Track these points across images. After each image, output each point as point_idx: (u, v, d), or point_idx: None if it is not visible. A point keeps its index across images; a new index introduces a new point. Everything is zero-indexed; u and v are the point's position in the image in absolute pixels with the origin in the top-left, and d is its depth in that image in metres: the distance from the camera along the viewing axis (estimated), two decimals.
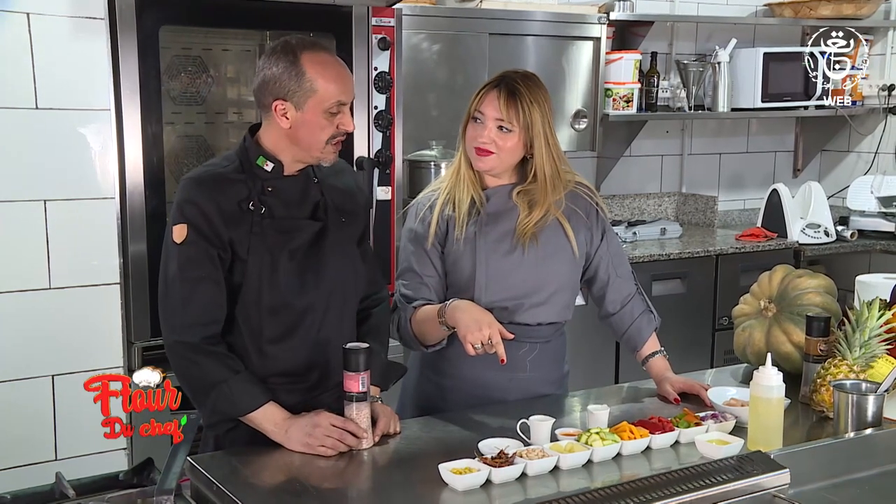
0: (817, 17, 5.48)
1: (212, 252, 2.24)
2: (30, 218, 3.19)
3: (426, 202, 2.60)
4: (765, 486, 2.05)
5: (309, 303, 2.33)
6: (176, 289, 2.25)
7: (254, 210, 2.27)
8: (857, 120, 5.86)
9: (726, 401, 2.48)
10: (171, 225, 2.27)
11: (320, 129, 2.26)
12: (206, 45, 3.80)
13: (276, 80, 2.23)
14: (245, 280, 2.28)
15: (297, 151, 2.30)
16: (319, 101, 2.23)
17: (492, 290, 2.53)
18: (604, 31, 4.78)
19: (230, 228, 2.25)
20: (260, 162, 2.30)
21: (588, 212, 2.65)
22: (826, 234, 5.25)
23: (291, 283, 2.30)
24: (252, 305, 2.29)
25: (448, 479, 2.01)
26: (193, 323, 2.24)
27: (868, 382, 2.38)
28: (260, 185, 2.29)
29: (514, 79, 2.50)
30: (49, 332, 3.25)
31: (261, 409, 2.23)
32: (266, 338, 2.31)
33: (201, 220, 2.23)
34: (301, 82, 2.22)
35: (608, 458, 2.15)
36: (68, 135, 3.23)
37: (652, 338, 2.73)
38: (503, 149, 2.49)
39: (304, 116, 2.24)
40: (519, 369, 2.59)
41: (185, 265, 2.24)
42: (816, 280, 2.79)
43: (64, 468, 2.19)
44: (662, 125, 5.59)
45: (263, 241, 2.27)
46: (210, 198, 2.24)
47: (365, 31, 3.70)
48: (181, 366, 2.25)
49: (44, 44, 3.16)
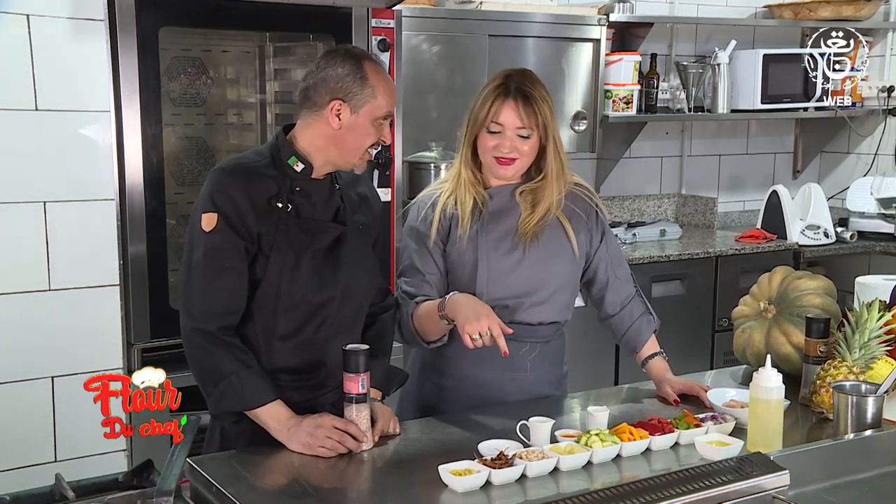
0: (817, 18, 5.48)
1: (239, 244, 2.27)
2: (29, 219, 3.18)
3: (428, 200, 2.61)
4: (764, 488, 2.05)
5: (324, 300, 2.35)
6: (199, 276, 2.28)
7: (282, 207, 2.30)
8: (857, 121, 5.85)
9: (726, 402, 2.48)
10: (198, 212, 2.28)
11: (366, 135, 2.32)
12: (205, 47, 3.81)
13: (338, 80, 2.28)
14: (265, 276, 2.30)
15: (334, 154, 2.34)
16: (374, 109, 2.30)
17: (493, 288, 2.54)
18: (603, 32, 4.77)
19: (260, 222, 2.27)
20: (291, 161, 2.33)
21: (588, 212, 2.66)
22: (826, 236, 5.25)
23: (310, 282, 2.33)
24: (269, 301, 2.31)
25: (448, 480, 2.01)
26: (212, 312, 2.26)
27: (868, 384, 2.38)
28: (289, 184, 2.33)
29: (522, 82, 2.50)
30: (48, 333, 3.23)
31: (267, 406, 2.25)
32: (278, 333, 2.33)
33: (232, 211, 2.26)
34: (363, 87, 2.28)
35: (608, 460, 2.15)
36: (68, 136, 3.21)
37: (651, 339, 2.73)
38: (524, 154, 2.51)
39: (356, 120, 2.30)
40: (520, 369, 2.60)
41: (210, 254, 2.26)
42: (816, 281, 2.79)
43: (63, 470, 2.17)
44: (662, 126, 5.59)
45: (288, 239, 2.30)
46: (243, 189, 2.27)
47: (364, 33, 3.69)
48: (195, 354, 2.28)
49: (43, 45, 3.14)
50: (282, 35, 3.88)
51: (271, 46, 3.97)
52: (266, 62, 3.97)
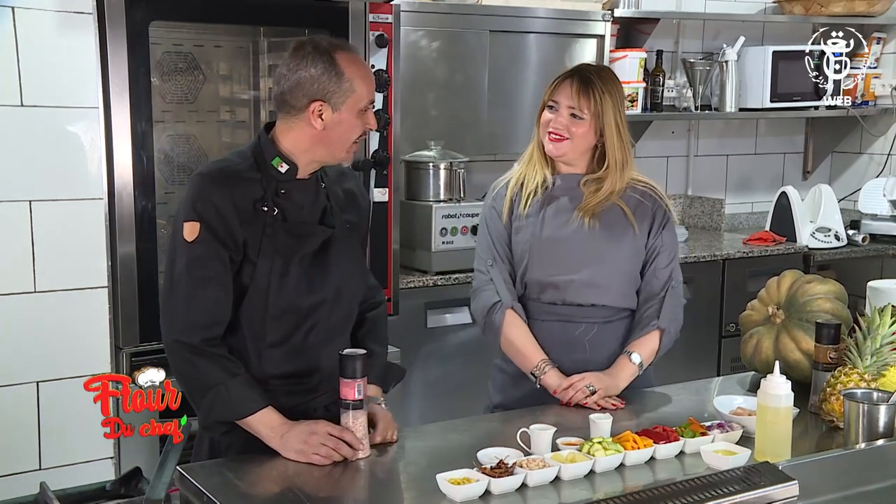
0: (828, 14, 5.44)
1: (223, 253, 2.25)
2: (15, 219, 3.16)
3: (503, 181, 2.80)
4: (772, 498, 2.03)
5: (314, 305, 2.34)
6: (181, 287, 2.25)
7: (267, 211, 2.28)
8: (869, 120, 5.81)
9: (733, 410, 2.48)
10: (181, 220, 2.25)
11: (352, 128, 2.30)
12: (197, 42, 3.79)
13: (314, 82, 2.24)
14: (253, 282, 2.29)
15: (321, 152, 2.32)
16: (356, 101, 2.28)
17: (543, 263, 2.68)
18: (608, 28, 4.73)
19: (245, 229, 2.26)
20: (275, 163, 2.30)
21: (655, 209, 2.74)
22: (836, 239, 5.21)
23: (299, 287, 2.31)
24: (258, 308, 2.30)
25: (446, 489, 2.00)
26: (195, 324, 2.24)
27: (880, 391, 2.39)
28: (274, 186, 2.30)
29: (588, 70, 2.70)
30: (34, 337, 3.21)
31: (258, 413, 2.23)
32: (269, 341, 2.32)
33: (216, 220, 2.23)
34: (341, 82, 2.25)
35: (611, 469, 2.15)
36: (55, 133, 3.19)
37: (640, 339, 2.70)
38: (575, 135, 2.65)
39: (339, 117, 2.27)
40: (578, 350, 2.69)
41: (193, 264, 2.24)
42: (826, 286, 2.79)
43: (49, 478, 2.19)
44: (668, 125, 5.55)
45: (275, 245, 2.28)
46: (227, 196, 2.25)
47: (362, 28, 3.66)
48: (179, 366, 2.26)
49: (29, 39, 3.12)
50: (276, 30, 3.88)
51: (265, 42, 3.97)
52: (260, 58, 3.97)
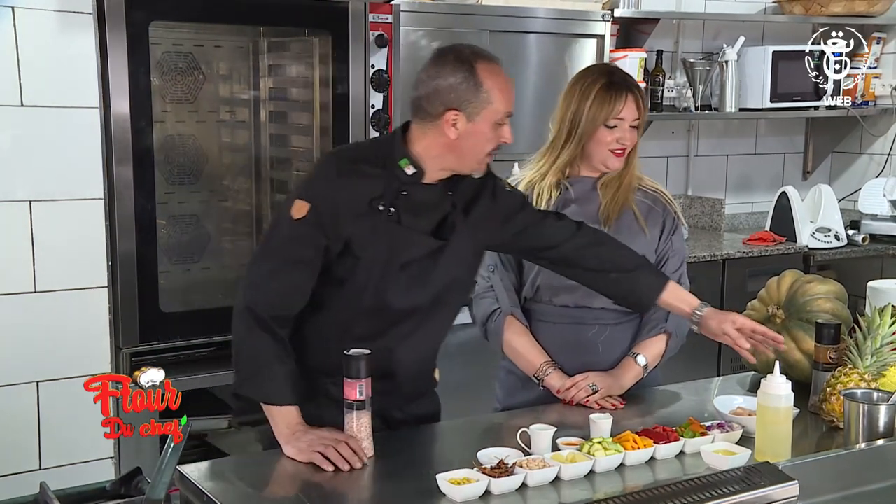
0: (828, 14, 5.43)
1: (321, 241, 2.23)
2: (14, 219, 3.17)
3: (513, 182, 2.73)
4: (772, 499, 2.03)
5: (407, 310, 2.33)
6: (271, 260, 2.26)
7: (383, 210, 2.25)
8: (870, 120, 5.79)
9: (733, 410, 2.47)
10: (293, 196, 2.26)
11: (486, 140, 2.26)
12: (197, 42, 3.81)
13: (451, 91, 2.21)
14: (352, 277, 2.27)
15: (451, 161, 2.28)
16: (492, 114, 2.24)
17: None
18: (608, 28, 4.70)
19: (354, 223, 2.24)
20: (402, 164, 2.27)
21: (665, 215, 2.74)
22: (837, 239, 5.19)
23: (398, 290, 2.30)
24: (351, 302, 2.29)
25: (446, 489, 1.99)
26: (271, 300, 2.24)
27: (880, 391, 2.38)
28: (396, 187, 2.27)
29: (626, 78, 2.68)
30: (33, 337, 3.22)
31: (283, 407, 2.23)
32: (354, 335, 2.27)
33: (327, 207, 2.22)
34: (478, 94, 2.21)
35: (611, 469, 2.14)
36: (54, 133, 3.20)
37: (647, 341, 2.69)
38: (633, 143, 2.69)
39: (474, 127, 2.23)
40: (591, 353, 2.67)
41: (289, 242, 2.24)
42: (826, 286, 2.78)
43: (49, 478, 2.18)
44: (668, 125, 5.53)
45: (381, 245, 2.26)
46: (346, 186, 2.23)
47: (362, 28, 3.67)
48: (240, 330, 2.26)
49: (29, 39, 3.13)
50: (276, 30, 3.90)
51: (265, 42, 3.98)
52: (260, 58, 3.99)
